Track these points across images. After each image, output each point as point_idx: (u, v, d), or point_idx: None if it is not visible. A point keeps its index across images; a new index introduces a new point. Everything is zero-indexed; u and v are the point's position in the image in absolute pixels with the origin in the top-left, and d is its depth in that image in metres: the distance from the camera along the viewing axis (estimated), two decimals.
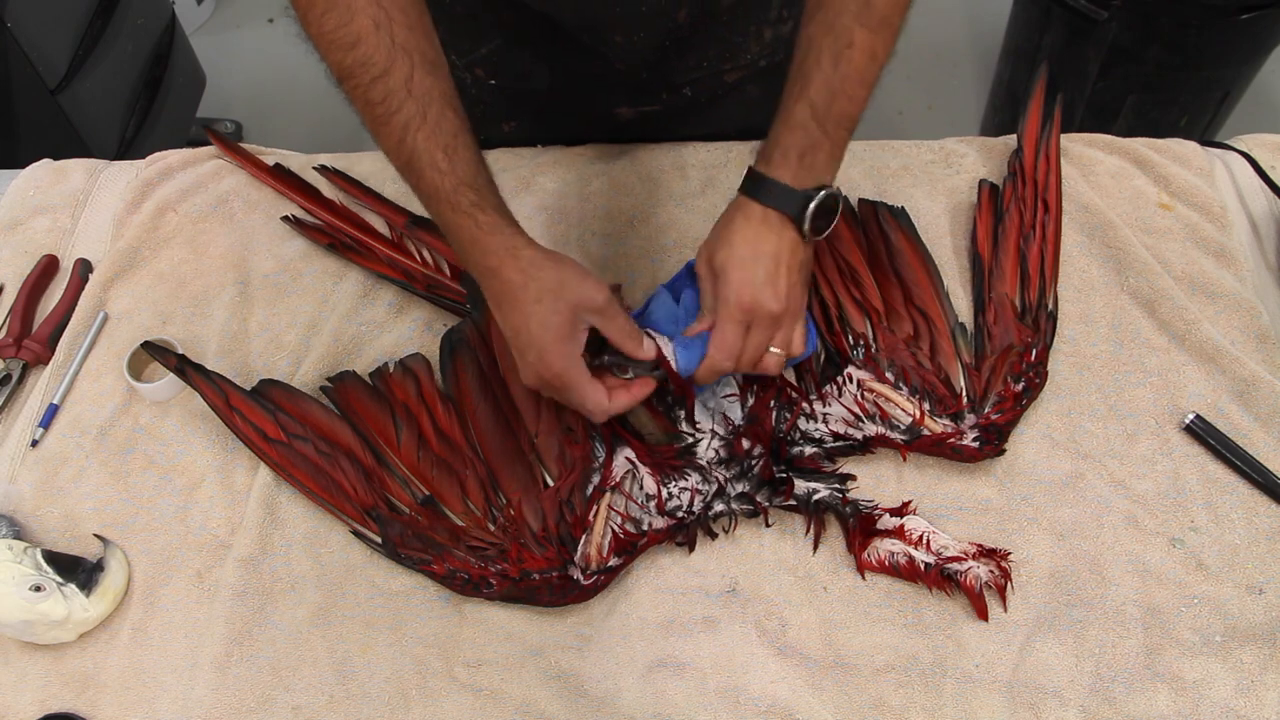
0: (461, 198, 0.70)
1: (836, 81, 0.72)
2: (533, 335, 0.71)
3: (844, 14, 0.71)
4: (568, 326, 0.72)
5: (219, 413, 0.83)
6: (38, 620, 0.73)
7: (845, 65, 0.72)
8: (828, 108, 0.72)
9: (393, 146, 0.71)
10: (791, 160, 0.73)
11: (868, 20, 0.71)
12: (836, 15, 0.71)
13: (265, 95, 2.40)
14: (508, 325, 0.73)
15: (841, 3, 0.71)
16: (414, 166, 0.70)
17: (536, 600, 0.77)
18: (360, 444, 0.83)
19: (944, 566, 0.76)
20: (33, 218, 1.02)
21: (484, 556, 0.78)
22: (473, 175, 0.71)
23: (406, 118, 0.69)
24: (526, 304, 0.71)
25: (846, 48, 0.71)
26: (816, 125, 0.73)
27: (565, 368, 0.72)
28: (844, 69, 0.72)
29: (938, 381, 0.85)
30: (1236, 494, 0.81)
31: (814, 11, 0.73)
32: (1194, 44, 1.61)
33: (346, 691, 0.74)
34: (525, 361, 0.73)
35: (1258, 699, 0.72)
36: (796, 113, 0.73)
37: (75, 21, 1.67)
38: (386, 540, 0.78)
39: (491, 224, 0.71)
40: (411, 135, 0.69)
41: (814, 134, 0.73)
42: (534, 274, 0.71)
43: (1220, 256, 0.94)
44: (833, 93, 0.72)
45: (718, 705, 0.73)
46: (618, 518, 0.79)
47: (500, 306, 0.73)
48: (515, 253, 0.71)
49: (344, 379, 0.86)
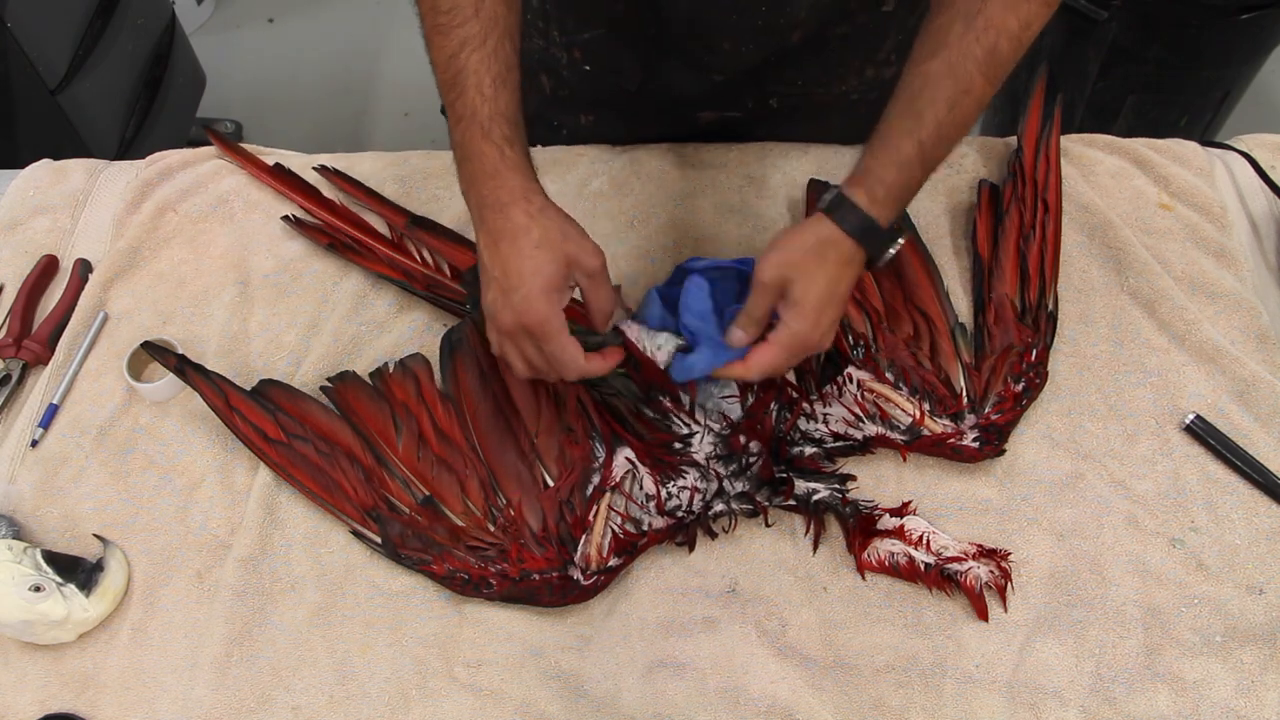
0: (496, 128, 0.71)
1: (948, 126, 0.71)
2: (524, 277, 0.70)
3: (968, 59, 0.70)
4: (560, 278, 0.71)
5: (219, 413, 0.83)
6: (37, 620, 0.73)
7: (958, 111, 0.71)
8: (933, 150, 0.71)
9: (443, 58, 0.71)
10: (890, 198, 0.72)
11: (989, 70, 0.70)
12: (961, 59, 0.70)
13: (265, 95, 2.40)
14: (499, 263, 0.71)
15: (967, 47, 0.70)
16: (458, 83, 0.71)
17: (537, 600, 0.77)
18: (360, 444, 0.83)
19: (944, 567, 0.76)
20: (33, 218, 1.02)
21: (484, 557, 0.78)
22: (513, 111, 0.72)
23: (466, 35, 0.70)
24: (527, 247, 0.70)
25: (964, 94, 0.70)
26: (920, 166, 0.72)
27: (549, 316, 0.71)
28: (956, 115, 0.71)
29: (938, 382, 0.85)
30: (1237, 494, 0.81)
31: (937, 49, 0.71)
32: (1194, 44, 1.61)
33: (346, 691, 0.74)
34: (508, 303, 0.71)
35: (1258, 699, 0.72)
36: (904, 149, 0.71)
37: (75, 21, 1.67)
38: (386, 540, 0.78)
39: (515, 162, 0.71)
40: (467, 53, 0.70)
41: (914, 174, 0.72)
42: (541, 220, 0.71)
43: (1220, 256, 0.94)
44: (941, 136, 0.71)
45: (718, 705, 0.73)
46: (618, 518, 0.79)
47: (498, 244, 0.71)
48: (529, 196, 0.71)
49: (344, 379, 0.86)
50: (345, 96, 2.41)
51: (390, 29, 2.52)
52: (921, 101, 0.71)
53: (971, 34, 0.70)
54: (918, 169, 0.72)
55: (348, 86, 2.42)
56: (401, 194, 1.01)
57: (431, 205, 1.00)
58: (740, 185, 1.00)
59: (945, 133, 0.71)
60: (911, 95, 0.72)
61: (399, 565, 0.79)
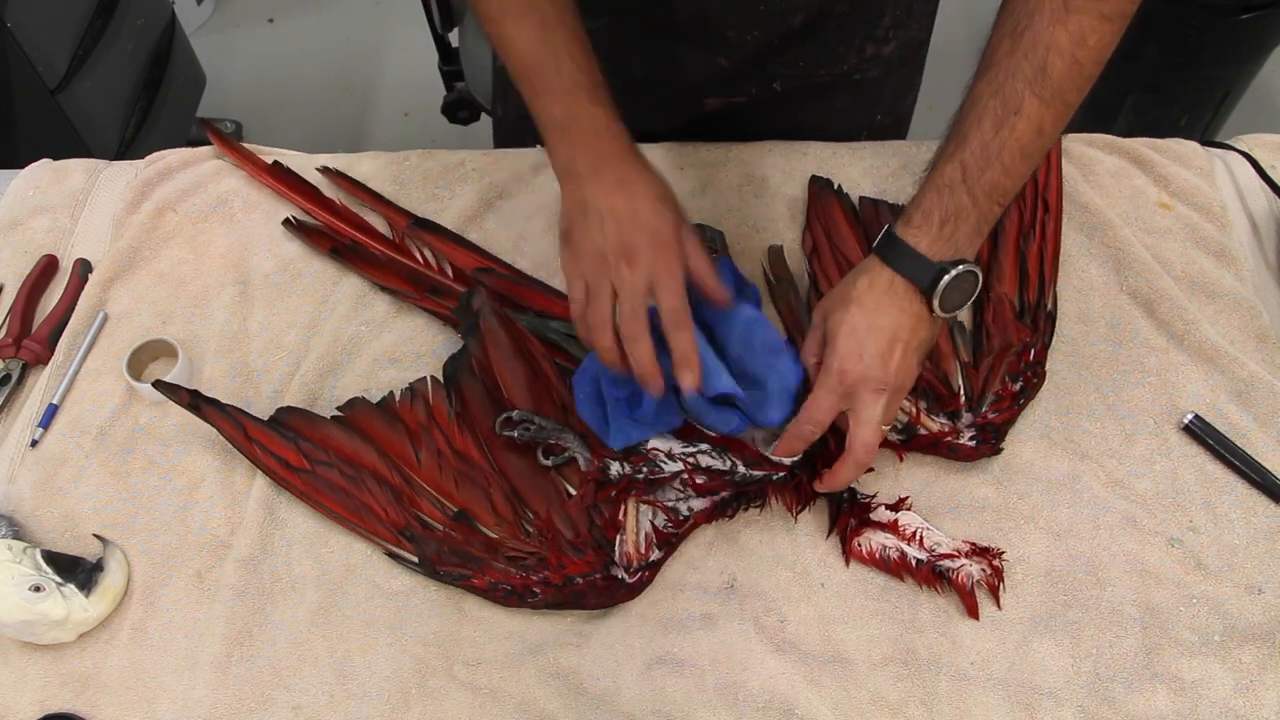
0: (600, 91, 0.72)
1: (995, 148, 0.67)
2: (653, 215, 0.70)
3: (1016, 77, 0.67)
4: (677, 230, 0.71)
5: (238, 446, 0.81)
6: (37, 620, 0.73)
7: (1007, 133, 0.67)
8: (980, 173, 0.68)
9: (525, 43, 0.72)
10: (932, 225, 0.69)
11: (1041, 89, 0.67)
12: (1008, 78, 0.67)
13: (265, 95, 2.41)
14: (624, 202, 0.69)
15: (1015, 65, 0.67)
16: (551, 59, 0.71)
17: (583, 604, 0.76)
18: (386, 464, 0.81)
19: (935, 564, 0.76)
20: (32, 218, 1.02)
21: (524, 566, 0.77)
22: (604, 78, 0.73)
23: (544, 16, 0.71)
24: (650, 192, 0.70)
25: (1013, 114, 0.67)
26: (965, 190, 0.68)
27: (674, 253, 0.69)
28: (1005, 136, 0.67)
29: (935, 380, 0.85)
30: (1235, 494, 0.81)
31: (984, 70, 0.69)
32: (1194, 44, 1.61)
33: (346, 691, 0.74)
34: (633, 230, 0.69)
35: (1257, 699, 0.72)
36: (946, 173, 0.69)
37: (75, 21, 1.67)
38: (424, 559, 0.77)
39: (621, 121, 0.72)
40: (551, 32, 0.71)
41: (961, 199, 0.68)
42: (657, 178, 0.72)
43: (1220, 256, 0.94)
44: (988, 159, 0.68)
45: (716, 702, 0.73)
46: (650, 510, 0.79)
47: (624, 186, 0.70)
48: (638, 154, 0.73)
49: (354, 405, 0.85)
50: (345, 96, 2.41)
51: (390, 29, 2.52)
52: (967, 123, 0.69)
53: (1019, 52, 0.67)
54: (962, 193, 0.68)
55: (348, 86, 2.43)
56: (401, 194, 1.01)
57: (431, 205, 1.00)
58: (740, 185, 1.00)
59: (994, 155, 0.68)
60: (959, 119, 0.70)
61: (397, 565, 0.79)
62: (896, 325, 0.70)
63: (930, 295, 0.70)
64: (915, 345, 0.71)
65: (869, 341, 0.69)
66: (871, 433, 0.71)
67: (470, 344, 0.86)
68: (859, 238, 0.94)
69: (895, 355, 0.70)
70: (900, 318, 0.70)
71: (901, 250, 0.70)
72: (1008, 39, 0.68)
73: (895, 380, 0.70)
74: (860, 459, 0.72)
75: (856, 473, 0.73)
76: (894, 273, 0.70)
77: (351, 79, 2.44)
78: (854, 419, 0.72)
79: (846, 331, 0.70)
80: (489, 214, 1.00)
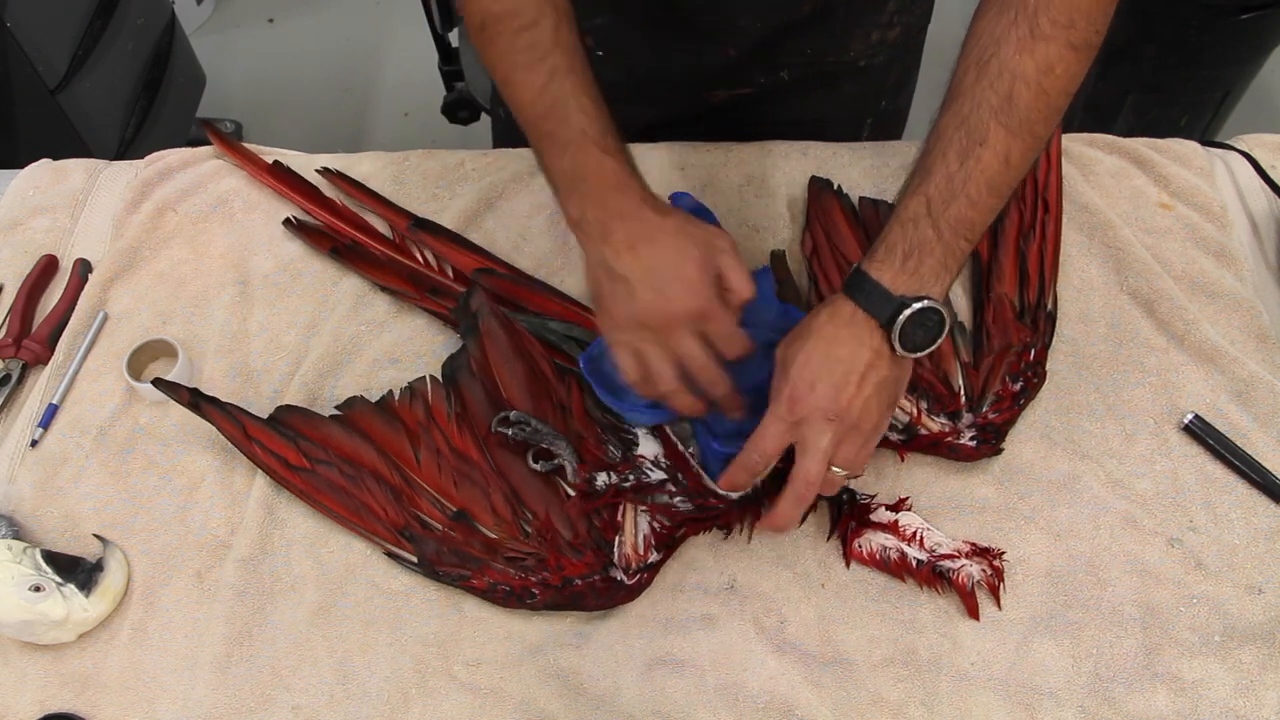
0: (609, 141, 0.71)
1: (960, 180, 0.66)
2: (675, 266, 0.69)
3: (981, 107, 0.66)
4: (706, 260, 0.70)
5: (238, 445, 0.81)
6: (37, 620, 0.73)
7: (973, 164, 0.66)
8: (945, 206, 0.67)
9: (532, 93, 0.71)
10: (895, 259, 0.68)
11: (1007, 119, 0.66)
12: (974, 108, 0.66)
13: (265, 95, 2.41)
14: (641, 266, 0.69)
15: (980, 95, 0.66)
16: (558, 110, 0.71)
17: (582, 605, 0.76)
18: (385, 463, 0.81)
19: (936, 564, 0.76)
20: (32, 218, 1.02)
21: (523, 567, 0.77)
22: (615, 125, 0.72)
23: (554, 65, 0.71)
24: (668, 239, 0.70)
25: (979, 145, 0.66)
26: (930, 224, 0.67)
27: (710, 296, 0.70)
28: (971, 168, 0.66)
29: (935, 380, 0.85)
30: (1235, 494, 0.81)
31: (950, 100, 0.68)
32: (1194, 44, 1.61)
33: (346, 691, 0.74)
34: (662, 296, 0.69)
35: (1257, 699, 0.72)
36: (910, 206, 0.68)
37: (75, 21, 1.67)
38: (423, 559, 0.77)
39: (634, 171, 0.72)
40: (558, 81, 0.70)
41: (925, 233, 0.67)
42: (671, 214, 0.71)
43: (1220, 256, 0.94)
44: (953, 192, 0.67)
45: (717, 702, 0.73)
46: (648, 514, 0.79)
47: (636, 249, 0.69)
48: (653, 199, 0.72)
49: (353, 405, 0.85)
50: (345, 96, 2.41)
51: (390, 29, 2.53)
52: (932, 156, 0.68)
53: (984, 81, 0.67)
54: (927, 227, 0.67)
55: (348, 86, 2.43)
56: (401, 194, 1.01)
57: (431, 205, 1.00)
58: (740, 185, 1.00)
59: (959, 188, 0.66)
60: (924, 152, 0.69)
61: (397, 565, 0.79)
62: (853, 357, 0.68)
63: (890, 329, 0.68)
64: (874, 381, 0.69)
65: (823, 371, 0.68)
66: (817, 465, 0.69)
67: (469, 344, 0.86)
68: (859, 238, 0.94)
69: (849, 387, 0.68)
70: (858, 350, 0.68)
71: (864, 284, 0.68)
72: (973, 69, 0.67)
73: (847, 413, 0.68)
74: (800, 492, 0.69)
75: (797, 509, 0.71)
76: (855, 306, 0.69)
77: (351, 79, 2.44)
78: (800, 449, 0.70)
79: (801, 361, 0.69)
80: (489, 214, 1.00)
